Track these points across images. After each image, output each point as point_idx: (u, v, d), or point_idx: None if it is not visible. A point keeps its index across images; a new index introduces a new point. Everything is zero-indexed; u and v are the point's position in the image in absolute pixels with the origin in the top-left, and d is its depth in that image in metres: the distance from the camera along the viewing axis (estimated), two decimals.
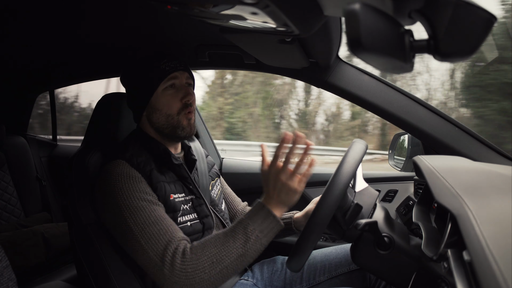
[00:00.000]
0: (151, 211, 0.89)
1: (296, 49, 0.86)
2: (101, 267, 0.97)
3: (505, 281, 0.35)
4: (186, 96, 1.01)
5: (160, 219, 0.89)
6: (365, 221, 0.76)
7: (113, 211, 0.91)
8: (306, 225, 0.81)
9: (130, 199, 0.89)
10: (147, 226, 0.87)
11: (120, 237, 0.92)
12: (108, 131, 1.09)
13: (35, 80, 1.84)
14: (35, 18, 0.99)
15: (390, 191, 1.47)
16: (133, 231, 0.87)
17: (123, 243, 0.92)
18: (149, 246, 0.85)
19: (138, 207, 0.89)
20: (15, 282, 0.81)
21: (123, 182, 0.91)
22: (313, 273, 1.13)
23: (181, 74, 1.03)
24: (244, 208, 1.30)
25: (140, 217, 0.88)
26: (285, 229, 1.16)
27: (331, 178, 0.82)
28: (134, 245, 0.87)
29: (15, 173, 1.91)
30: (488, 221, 0.48)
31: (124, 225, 0.88)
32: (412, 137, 1.39)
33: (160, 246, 0.85)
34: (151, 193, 0.93)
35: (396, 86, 1.10)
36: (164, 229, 0.87)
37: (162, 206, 0.94)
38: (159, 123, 1.02)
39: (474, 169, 0.78)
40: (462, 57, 0.39)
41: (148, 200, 0.91)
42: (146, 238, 0.86)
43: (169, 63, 1.01)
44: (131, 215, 0.88)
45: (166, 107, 1.01)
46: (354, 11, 0.33)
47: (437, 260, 0.62)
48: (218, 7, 0.52)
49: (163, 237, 0.86)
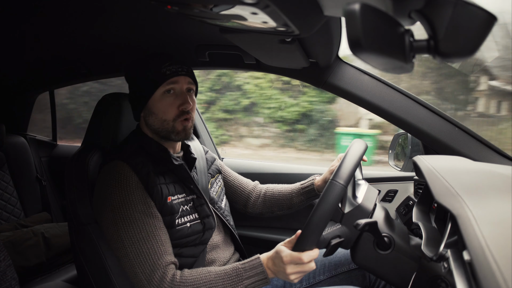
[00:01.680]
0: (144, 225, 0.90)
1: (296, 49, 0.86)
2: (101, 267, 0.97)
3: (505, 281, 0.35)
4: (184, 104, 0.99)
5: (152, 235, 0.90)
6: (365, 221, 0.76)
7: (107, 216, 0.92)
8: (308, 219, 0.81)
9: (125, 209, 0.90)
10: (138, 241, 0.89)
11: (111, 242, 0.93)
12: (108, 131, 1.09)
13: (35, 80, 1.84)
14: (35, 18, 0.99)
15: (390, 191, 1.47)
16: (123, 242, 0.89)
17: (113, 249, 0.94)
18: (137, 263, 0.88)
19: (132, 218, 0.90)
20: (17, 281, 0.81)
21: (120, 188, 0.92)
22: (312, 272, 1.13)
23: (182, 79, 1.00)
24: (255, 187, 1.32)
25: (132, 230, 0.90)
26: (309, 195, 1.21)
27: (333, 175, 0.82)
28: (122, 256, 0.90)
29: (15, 173, 1.91)
30: (488, 221, 0.48)
31: (116, 234, 0.90)
32: (412, 137, 1.38)
33: (147, 265, 0.88)
34: (147, 201, 0.93)
35: (396, 86, 1.10)
36: (154, 247, 0.89)
37: (157, 215, 0.94)
38: (154, 126, 1.01)
39: (474, 169, 0.78)
40: (462, 57, 0.39)
41: (143, 212, 0.91)
42: (135, 253, 0.89)
43: (170, 67, 0.98)
44: (123, 226, 0.90)
45: (161, 112, 0.99)
46: (354, 11, 0.33)
47: (437, 260, 0.62)
48: (218, 7, 0.52)
49: (152, 256, 0.89)
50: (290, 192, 1.24)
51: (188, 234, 0.98)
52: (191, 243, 0.99)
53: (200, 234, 1.00)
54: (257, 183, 1.34)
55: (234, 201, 1.31)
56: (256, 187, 1.31)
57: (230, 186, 1.30)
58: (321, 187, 1.19)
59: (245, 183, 1.32)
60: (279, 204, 1.25)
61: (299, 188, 1.23)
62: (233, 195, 1.30)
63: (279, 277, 0.88)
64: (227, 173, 1.31)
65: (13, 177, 1.90)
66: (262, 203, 1.28)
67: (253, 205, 1.29)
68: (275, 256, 0.87)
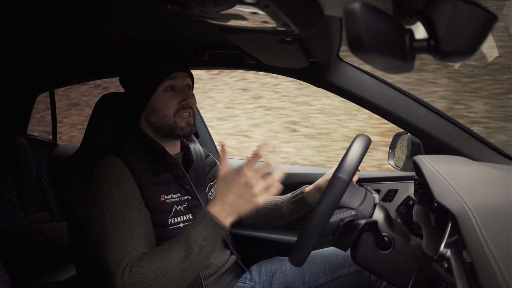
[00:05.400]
0: (129, 216, 0.89)
1: (296, 48, 0.86)
2: (100, 267, 0.97)
3: (505, 281, 0.35)
4: (185, 99, 1.02)
5: (135, 227, 0.88)
6: (365, 221, 0.76)
7: (96, 208, 0.92)
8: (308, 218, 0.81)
9: (113, 200, 0.90)
10: (120, 231, 0.87)
11: (99, 235, 0.93)
12: (107, 131, 1.09)
13: (35, 80, 1.84)
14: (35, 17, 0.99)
15: (390, 191, 1.47)
16: (107, 232, 0.88)
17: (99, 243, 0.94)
18: (112, 252, 0.86)
19: (118, 209, 0.90)
20: (9, 283, 0.80)
21: (110, 181, 0.92)
22: (313, 275, 1.12)
23: (181, 75, 1.03)
24: None
25: (117, 220, 0.88)
26: (299, 204, 1.16)
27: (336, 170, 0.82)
28: (104, 248, 0.89)
29: (15, 173, 1.91)
30: (488, 221, 0.48)
31: (102, 224, 0.90)
32: (412, 136, 1.38)
33: (119, 255, 0.85)
34: (136, 196, 0.93)
35: (396, 85, 1.10)
36: (132, 238, 0.87)
37: (144, 211, 0.93)
38: (157, 123, 1.02)
39: (474, 168, 0.78)
40: (462, 57, 0.39)
41: (130, 204, 0.91)
42: (114, 241, 0.87)
43: (168, 64, 1.02)
44: (110, 216, 0.89)
45: (163, 107, 1.01)
46: (354, 10, 0.33)
47: (437, 260, 0.62)
48: (218, 7, 0.52)
49: (126, 247, 0.86)
50: (281, 201, 1.21)
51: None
52: None
53: None
54: None
55: None
56: None
57: None
58: (311, 194, 1.14)
59: None
60: (270, 214, 1.23)
61: (290, 197, 1.20)
62: None
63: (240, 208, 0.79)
64: None
65: (13, 177, 1.90)
66: (255, 214, 1.26)
67: (247, 216, 1.28)
68: (225, 181, 0.80)
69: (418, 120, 1.06)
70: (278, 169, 0.82)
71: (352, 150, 0.84)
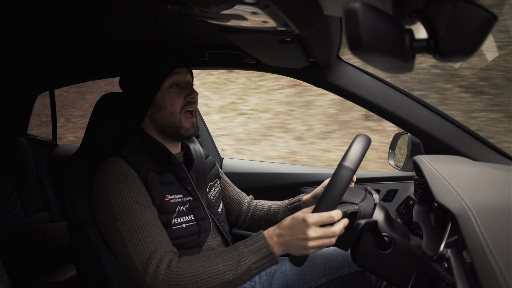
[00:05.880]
0: (141, 215, 0.89)
1: (296, 48, 0.86)
2: (100, 267, 0.97)
3: (505, 280, 0.35)
4: (190, 94, 1.03)
5: (150, 225, 0.89)
6: (365, 221, 0.76)
7: (104, 209, 0.91)
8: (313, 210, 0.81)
9: (122, 200, 0.90)
10: (136, 230, 0.87)
11: (108, 236, 0.93)
12: (107, 131, 1.09)
13: (35, 80, 1.84)
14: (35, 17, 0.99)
15: (390, 191, 1.47)
16: (121, 233, 0.88)
17: (110, 243, 0.93)
18: (134, 252, 0.86)
19: (129, 209, 0.89)
20: (9, 283, 0.80)
21: (117, 181, 0.92)
22: (314, 276, 1.12)
23: (183, 70, 1.05)
24: (250, 202, 1.29)
25: (130, 220, 0.88)
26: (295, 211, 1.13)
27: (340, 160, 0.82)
28: (120, 247, 0.88)
29: (15, 173, 1.91)
30: (488, 221, 0.48)
31: (113, 225, 0.89)
32: (412, 136, 1.39)
33: (145, 254, 0.85)
34: (144, 195, 0.93)
35: (396, 85, 1.10)
36: (152, 236, 0.87)
37: (154, 210, 0.94)
38: (163, 121, 1.03)
39: (474, 168, 0.78)
40: (462, 57, 0.39)
41: (140, 203, 0.91)
42: (133, 243, 0.87)
43: (170, 60, 1.03)
44: (121, 217, 0.89)
45: (170, 104, 1.02)
46: (354, 10, 0.33)
47: (437, 260, 0.62)
48: (218, 7, 0.52)
49: (149, 245, 0.86)
50: (277, 207, 1.22)
51: (183, 235, 0.98)
52: (187, 244, 0.99)
53: (195, 236, 1.00)
54: (251, 198, 1.32)
55: (227, 212, 1.29)
56: (250, 203, 1.30)
57: (226, 197, 1.29)
58: (309, 203, 1.14)
59: (241, 196, 1.30)
60: (266, 219, 1.23)
61: (287, 204, 1.20)
62: (228, 207, 1.29)
63: (291, 250, 0.82)
64: (225, 182, 1.31)
65: (13, 177, 1.90)
66: (251, 217, 1.26)
67: (244, 219, 1.28)
68: (292, 221, 0.82)
69: (418, 120, 1.06)
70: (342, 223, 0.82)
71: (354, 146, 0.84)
